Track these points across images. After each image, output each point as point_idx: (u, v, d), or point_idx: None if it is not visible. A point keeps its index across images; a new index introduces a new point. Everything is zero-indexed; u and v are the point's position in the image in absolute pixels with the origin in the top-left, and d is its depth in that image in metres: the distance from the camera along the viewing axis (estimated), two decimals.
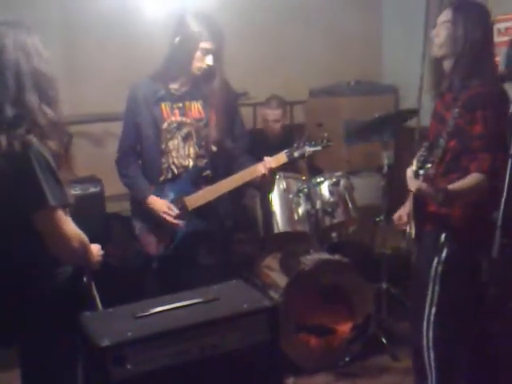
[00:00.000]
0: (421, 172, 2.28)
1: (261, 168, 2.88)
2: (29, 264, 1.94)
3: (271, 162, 2.89)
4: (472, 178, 2.35)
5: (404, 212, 2.71)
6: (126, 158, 2.99)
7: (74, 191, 1.96)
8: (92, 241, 2.08)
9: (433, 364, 2.54)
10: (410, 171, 2.36)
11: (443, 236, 2.47)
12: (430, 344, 2.52)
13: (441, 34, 2.45)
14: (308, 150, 2.93)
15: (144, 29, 3.84)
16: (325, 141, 2.96)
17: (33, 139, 1.82)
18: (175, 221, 2.90)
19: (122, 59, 3.97)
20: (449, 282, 2.48)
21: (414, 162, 2.31)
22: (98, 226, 3.37)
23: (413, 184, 2.33)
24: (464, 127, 2.38)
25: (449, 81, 2.48)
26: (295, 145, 2.94)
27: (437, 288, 2.48)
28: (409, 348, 3.40)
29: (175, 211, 2.90)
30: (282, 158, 2.93)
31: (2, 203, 1.88)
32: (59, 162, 1.91)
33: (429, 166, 2.26)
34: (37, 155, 1.82)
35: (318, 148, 2.95)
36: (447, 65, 2.48)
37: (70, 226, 1.94)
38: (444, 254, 2.47)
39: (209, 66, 2.83)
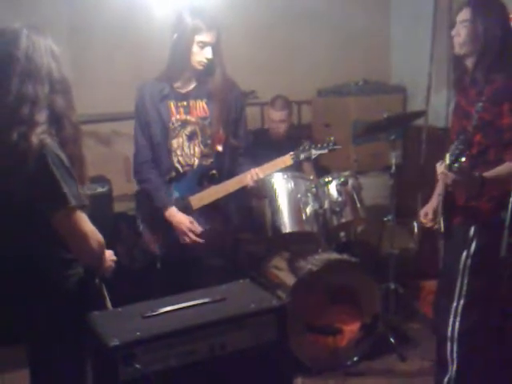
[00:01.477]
0: (455, 165, 2.30)
1: (249, 178, 2.89)
2: (41, 264, 1.95)
3: (259, 173, 2.90)
4: (508, 167, 2.39)
5: (430, 209, 2.74)
6: (147, 163, 2.96)
7: (83, 191, 1.95)
8: None
9: (455, 355, 2.58)
10: (441, 166, 2.38)
11: (472, 229, 2.51)
12: (455, 335, 2.56)
13: (461, 32, 2.48)
14: (314, 152, 2.95)
15: (153, 29, 3.84)
16: (331, 144, 2.97)
17: (47, 139, 1.82)
18: (197, 239, 2.90)
19: (130, 59, 3.99)
20: (478, 275, 2.52)
21: (447, 156, 2.33)
22: (107, 226, 3.38)
23: (448, 177, 2.34)
24: (491, 121, 2.41)
25: (472, 76, 2.52)
26: (301, 147, 2.95)
27: (465, 281, 2.53)
28: (416, 348, 3.44)
29: (199, 229, 2.90)
30: (287, 160, 2.95)
31: (17, 202, 1.87)
32: (77, 163, 1.92)
33: (463, 159, 2.28)
34: (52, 155, 1.82)
35: (324, 151, 2.96)
36: (470, 62, 2.52)
37: (89, 226, 1.94)
38: (473, 248, 2.52)
39: (208, 59, 2.83)
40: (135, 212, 3.12)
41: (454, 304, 2.56)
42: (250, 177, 2.89)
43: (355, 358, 3.36)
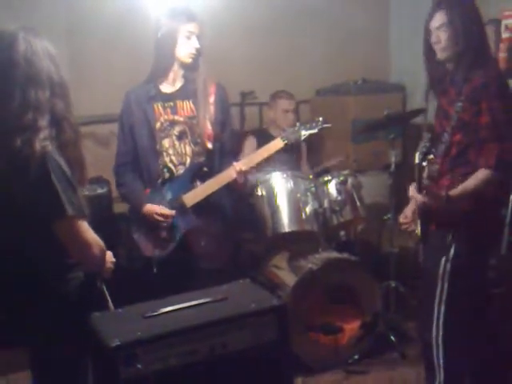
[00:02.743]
0: (424, 164, 2.31)
1: (232, 172, 2.88)
2: (41, 267, 1.95)
3: (241, 164, 2.88)
4: (479, 176, 2.36)
5: (409, 211, 2.70)
6: (123, 166, 3.00)
7: (82, 192, 1.96)
8: None
9: (441, 362, 2.54)
10: (412, 188, 2.41)
11: (450, 235, 2.47)
12: (440, 342, 2.53)
13: (441, 38, 2.45)
14: (303, 133, 2.93)
15: (150, 31, 3.84)
16: (320, 123, 2.96)
17: (48, 146, 1.81)
18: (169, 215, 2.89)
19: (128, 61, 3.97)
20: (458, 281, 2.48)
21: (417, 155, 2.33)
22: (106, 227, 3.37)
23: (417, 199, 2.38)
24: (470, 120, 2.38)
25: (452, 77, 2.49)
26: (290, 129, 2.95)
27: (446, 286, 2.48)
28: (417, 346, 3.43)
29: (167, 211, 2.89)
30: (278, 143, 2.93)
31: (19, 206, 1.86)
32: (77, 166, 1.93)
33: (431, 156, 2.28)
34: (53, 164, 1.82)
35: (314, 131, 2.94)
36: (450, 63, 2.50)
37: (90, 234, 1.94)
38: (452, 252, 2.46)
39: (197, 49, 2.85)
40: (128, 215, 3.12)
41: (436, 311, 2.51)
42: (233, 170, 2.87)
43: (356, 357, 3.36)
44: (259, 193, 3.34)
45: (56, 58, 1.92)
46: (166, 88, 2.95)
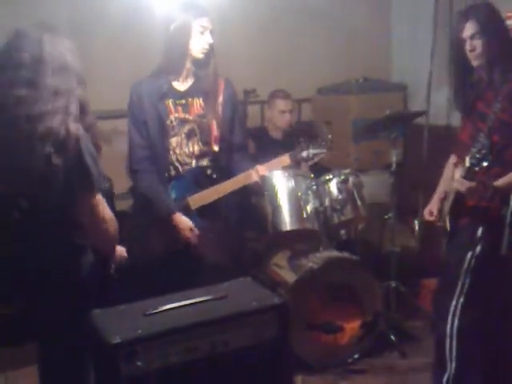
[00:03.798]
0: (476, 169, 2.36)
1: (254, 176, 2.89)
2: (54, 250, 2.01)
3: (263, 169, 2.91)
4: None
5: (434, 207, 2.76)
6: (145, 162, 2.91)
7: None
8: None
9: (454, 353, 2.59)
10: (457, 171, 2.45)
11: (480, 230, 2.54)
12: (454, 332, 2.57)
13: (476, 46, 2.54)
14: (312, 152, 2.93)
15: (154, 28, 3.83)
16: (329, 143, 2.96)
17: (80, 129, 1.97)
18: (194, 240, 2.90)
19: (131, 58, 3.97)
20: (480, 276, 2.55)
21: (467, 159, 2.38)
22: None
23: (463, 184, 2.41)
24: (509, 120, 2.45)
25: (489, 80, 2.57)
26: (298, 147, 2.94)
27: (468, 280, 2.56)
28: (417, 346, 3.44)
29: (196, 232, 2.89)
30: (285, 160, 2.95)
31: (41, 189, 1.95)
32: (96, 147, 2.07)
33: (485, 163, 2.34)
34: (84, 143, 1.96)
35: (323, 151, 2.95)
36: (485, 68, 2.57)
37: (108, 211, 2.06)
38: (478, 249, 2.54)
39: (210, 44, 2.83)
40: (132, 211, 3.11)
41: (454, 302, 2.58)
42: (255, 173, 2.89)
43: (356, 356, 3.36)
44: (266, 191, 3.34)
45: (74, 50, 2.09)
46: (178, 85, 2.93)
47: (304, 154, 2.94)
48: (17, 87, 1.93)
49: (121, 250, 2.28)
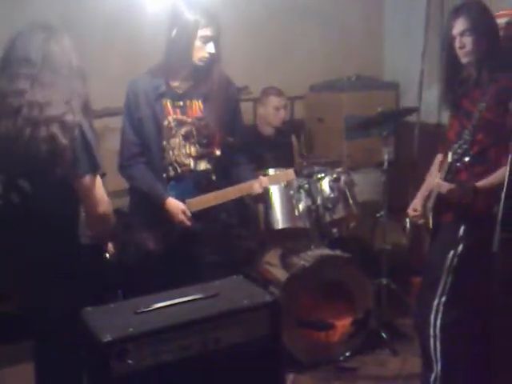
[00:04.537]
0: (458, 164, 2.37)
1: (257, 187, 2.86)
2: (51, 248, 2.09)
3: (266, 181, 2.89)
4: (502, 174, 2.39)
5: (418, 204, 2.77)
6: (135, 158, 2.90)
7: None
8: None
9: (439, 353, 2.59)
10: (437, 176, 2.48)
11: (462, 228, 2.54)
12: (437, 332, 2.57)
13: (466, 43, 2.53)
14: (317, 169, 3.03)
15: (145, 24, 3.83)
16: (335, 175, 3.07)
17: (82, 119, 2.09)
18: (190, 219, 2.87)
19: (123, 55, 3.96)
20: (462, 275, 2.55)
21: (450, 155, 2.39)
22: None
23: (443, 186, 2.44)
24: (493, 120, 2.44)
25: (477, 78, 2.56)
26: (305, 163, 2.95)
27: (450, 279, 2.56)
28: (408, 343, 3.45)
29: (188, 214, 2.85)
30: (290, 174, 2.95)
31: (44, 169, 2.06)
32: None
33: (467, 159, 2.35)
34: (86, 129, 2.10)
35: (326, 177, 3.01)
36: (473, 66, 2.56)
37: (104, 192, 2.21)
38: (461, 248, 2.54)
39: (211, 54, 2.78)
40: (129, 208, 3.10)
41: (436, 301, 2.58)
42: (259, 185, 2.86)
43: (347, 353, 3.37)
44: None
45: (78, 51, 2.19)
46: (177, 86, 2.89)
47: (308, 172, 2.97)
48: (20, 82, 2.03)
49: (109, 246, 2.38)
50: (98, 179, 2.18)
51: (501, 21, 3.62)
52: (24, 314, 2.14)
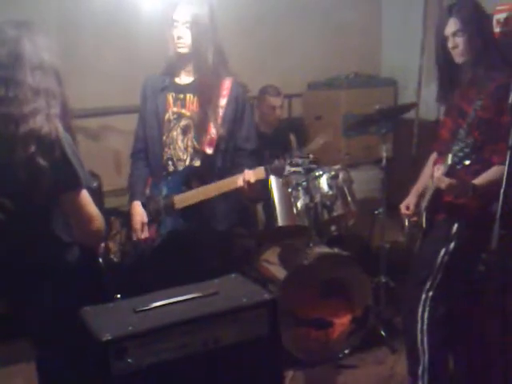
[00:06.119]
0: (458, 167, 2.36)
1: (239, 181, 2.75)
2: (40, 246, 2.03)
3: (251, 175, 2.74)
4: (496, 171, 2.41)
5: (411, 202, 2.77)
6: (136, 154, 3.00)
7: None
8: None
9: (426, 347, 2.60)
10: (438, 170, 2.44)
11: (455, 226, 2.54)
12: (424, 327, 2.59)
13: (459, 43, 2.52)
14: (288, 169, 2.76)
15: (142, 23, 3.83)
16: (307, 161, 2.76)
17: (60, 127, 1.95)
18: (142, 237, 2.91)
19: (119, 54, 3.96)
20: (452, 272, 2.56)
21: (449, 157, 2.37)
22: None
23: (443, 181, 2.41)
24: (489, 119, 2.43)
25: (472, 76, 2.54)
26: (276, 161, 2.77)
27: (439, 276, 2.57)
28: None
29: (145, 234, 2.89)
30: (260, 173, 2.78)
31: (28, 183, 1.93)
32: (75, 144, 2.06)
33: (467, 162, 2.33)
34: (67, 140, 1.97)
35: (299, 170, 2.78)
36: (467, 65, 2.55)
37: (94, 208, 2.06)
38: (452, 246, 2.55)
39: (179, 37, 2.74)
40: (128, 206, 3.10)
41: (424, 296, 2.60)
42: (241, 179, 2.75)
43: (346, 351, 3.37)
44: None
45: (51, 47, 2.03)
46: (180, 80, 2.92)
47: (279, 170, 2.77)
48: None
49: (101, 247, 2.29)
50: (85, 195, 2.03)
51: (499, 16, 3.63)
52: (16, 315, 2.12)
